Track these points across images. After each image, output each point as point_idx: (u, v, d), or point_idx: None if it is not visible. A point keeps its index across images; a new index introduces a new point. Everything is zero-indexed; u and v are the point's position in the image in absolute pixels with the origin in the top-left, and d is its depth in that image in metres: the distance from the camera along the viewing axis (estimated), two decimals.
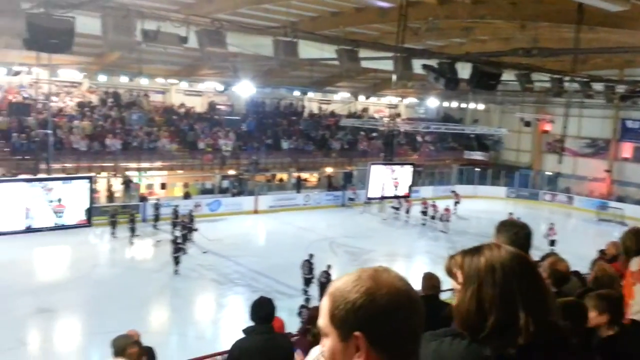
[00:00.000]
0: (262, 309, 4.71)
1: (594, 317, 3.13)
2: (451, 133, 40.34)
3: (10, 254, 18.84)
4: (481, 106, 39.19)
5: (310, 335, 6.11)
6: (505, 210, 29.01)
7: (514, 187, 39.05)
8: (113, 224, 23.30)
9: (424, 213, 29.28)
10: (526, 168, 40.50)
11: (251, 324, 4.79)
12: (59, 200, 9.85)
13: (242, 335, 4.71)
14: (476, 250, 1.59)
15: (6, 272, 17.82)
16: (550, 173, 39.34)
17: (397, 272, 1.37)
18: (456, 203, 31.79)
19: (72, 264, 20.71)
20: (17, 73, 24.07)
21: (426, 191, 34.11)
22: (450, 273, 1.65)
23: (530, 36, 17.61)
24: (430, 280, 4.95)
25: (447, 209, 28.29)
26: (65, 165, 25.22)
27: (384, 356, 1.23)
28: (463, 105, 39.40)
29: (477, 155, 41.25)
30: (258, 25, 15.82)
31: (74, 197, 10.09)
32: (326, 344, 1.29)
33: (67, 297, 16.39)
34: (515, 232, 2.81)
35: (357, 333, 1.21)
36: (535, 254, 3.53)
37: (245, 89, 26.50)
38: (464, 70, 17.30)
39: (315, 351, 3.60)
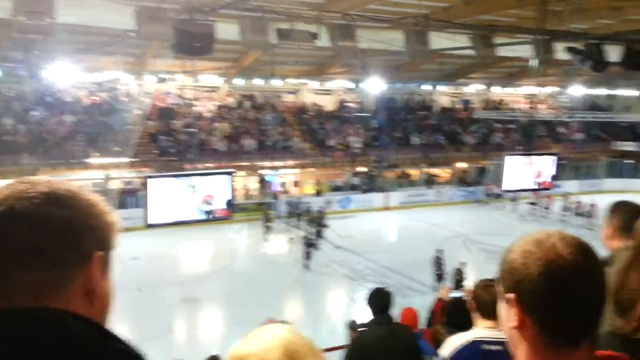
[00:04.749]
0: (377, 300, 4.73)
1: None
2: (599, 123, 36.99)
3: (160, 247, 20.54)
4: (634, 92, 35.52)
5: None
6: None
7: None
8: (267, 228, 23.27)
9: (566, 209, 27.19)
10: None
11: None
12: (203, 194, 10.41)
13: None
14: None
15: (157, 264, 19.44)
16: None
17: (579, 238, 1.16)
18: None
19: (214, 258, 22.04)
20: (163, 80, 26.15)
21: (570, 186, 31.48)
22: None
23: None
24: None
25: (592, 204, 26.01)
26: (207, 165, 26.89)
27: (538, 327, 1.11)
28: (612, 92, 36.03)
29: (630, 146, 37.36)
30: (388, 19, 15.59)
31: (216, 191, 10.61)
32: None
33: (210, 288, 17.44)
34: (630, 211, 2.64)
35: (510, 295, 1.15)
36: None
37: (375, 86, 26.37)
38: (614, 54, 15.67)
39: (453, 341, 3.28)
